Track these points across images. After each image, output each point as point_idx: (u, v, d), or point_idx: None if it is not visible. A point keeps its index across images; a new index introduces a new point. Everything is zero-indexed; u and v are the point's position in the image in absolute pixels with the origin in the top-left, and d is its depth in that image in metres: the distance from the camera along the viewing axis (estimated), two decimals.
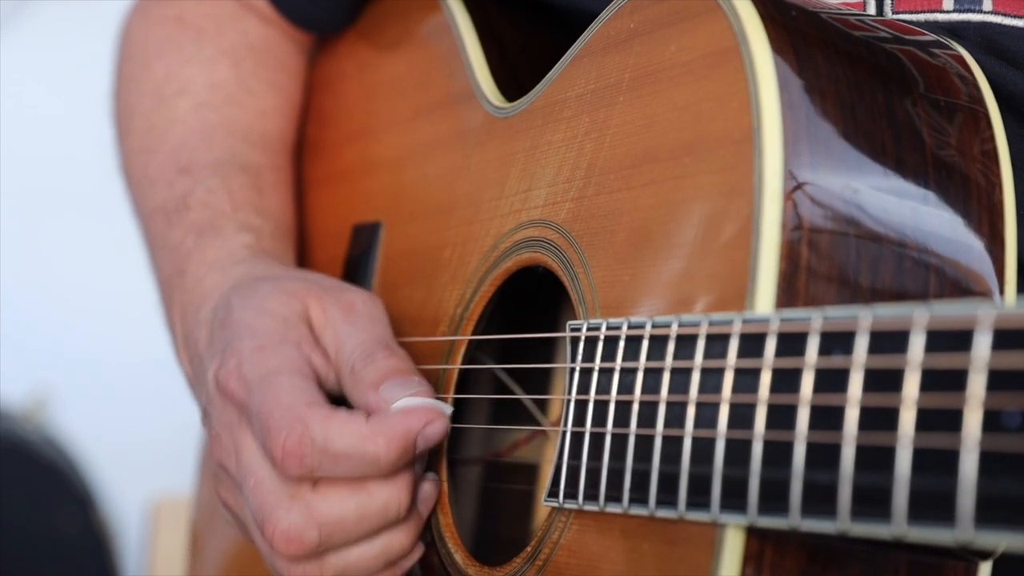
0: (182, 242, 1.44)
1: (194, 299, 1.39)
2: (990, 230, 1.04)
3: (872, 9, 1.21)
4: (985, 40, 1.19)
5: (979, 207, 1.04)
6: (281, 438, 1.15)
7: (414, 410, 1.18)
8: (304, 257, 1.61)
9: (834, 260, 0.98)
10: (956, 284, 1.02)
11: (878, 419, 0.85)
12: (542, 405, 1.39)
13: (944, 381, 0.82)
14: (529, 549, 1.15)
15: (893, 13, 1.21)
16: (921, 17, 1.21)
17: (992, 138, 1.07)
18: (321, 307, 1.27)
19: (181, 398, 1.49)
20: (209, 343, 1.31)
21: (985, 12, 1.19)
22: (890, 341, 0.86)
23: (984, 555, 0.99)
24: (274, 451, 1.15)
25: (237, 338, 1.24)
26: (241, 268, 1.38)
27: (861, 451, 0.86)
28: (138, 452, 3.30)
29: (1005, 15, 1.19)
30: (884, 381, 0.86)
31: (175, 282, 1.44)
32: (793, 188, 0.98)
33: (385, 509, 1.17)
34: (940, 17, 1.20)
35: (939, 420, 0.82)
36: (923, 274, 1.01)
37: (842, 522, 0.87)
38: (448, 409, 1.21)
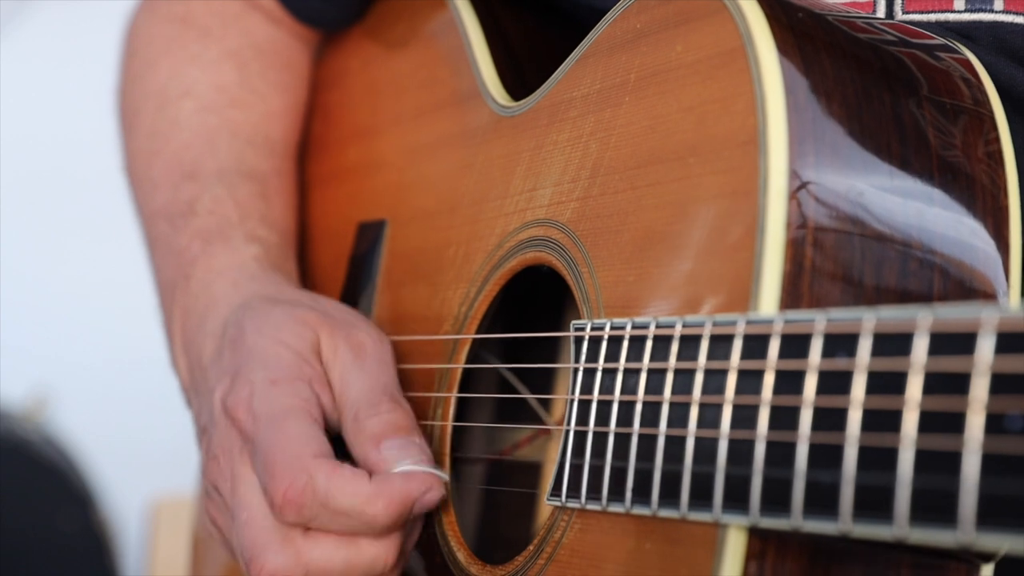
0: (188, 247, 1.44)
1: (199, 306, 1.39)
2: (995, 232, 1.04)
3: (882, 9, 1.21)
4: (996, 40, 1.18)
5: (984, 209, 1.04)
6: (284, 485, 1.16)
7: (415, 476, 1.19)
8: (308, 255, 1.60)
9: (838, 261, 0.98)
10: (961, 286, 1.02)
11: (881, 421, 0.86)
12: (546, 404, 1.39)
13: (947, 384, 0.82)
14: (532, 548, 1.15)
15: (904, 13, 1.21)
16: (932, 17, 1.20)
17: (997, 140, 1.07)
18: (332, 343, 1.27)
19: (181, 398, 1.48)
20: (216, 359, 1.31)
21: (996, 12, 1.19)
22: (893, 343, 0.86)
23: (986, 557, 0.99)
24: (274, 496, 1.16)
25: (249, 367, 1.24)
26: (252, 285, 1.38)
27: (864, 452, 0.86)
28: (138, 452, 3.30)
29: (1017, 15, 1.19)
30: (887, 383, 0.86)
31: (178, 285, 1.43)
32: (798, 189, 0.98)
33: (372, 564, 1.19)
34: (951, 17, 1.20)
35: (942, 422, 0.82)
36: (928, 276, 1.01)
37: (844, 523, 0.87)
38: (445, 476, 1.24)
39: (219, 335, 1.32)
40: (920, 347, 0.84)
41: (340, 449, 1.22)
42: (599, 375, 1.09)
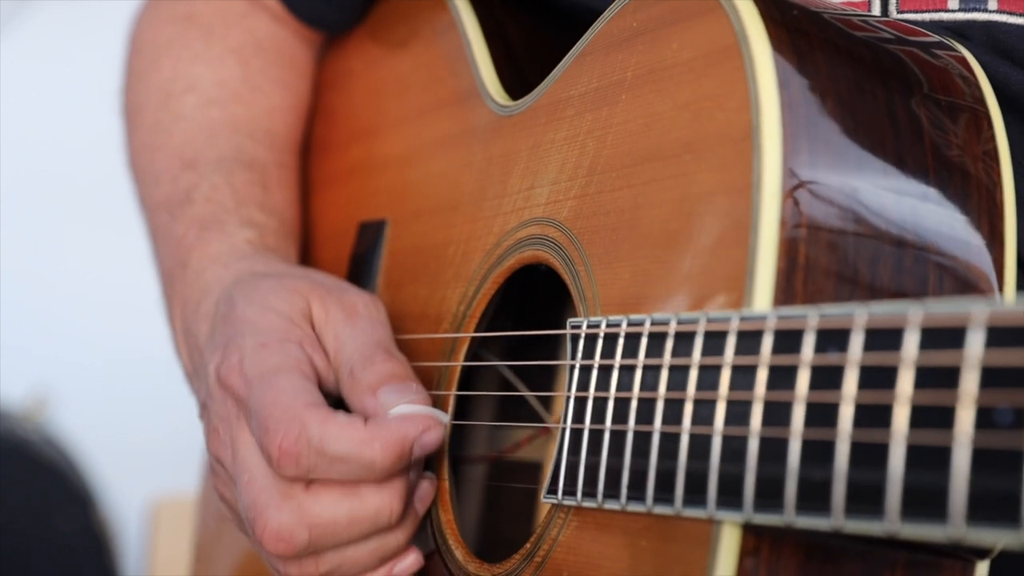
0: (184, 235, 1.45)
1: (194, 293, 1.39)
2: (990, 229, 1.04)
3: (877, 8, 1.21)
4: (991, 39, 1.19)
5: (979, 206, 1.04)
6: (279, 437, 1.15)
7: (411, 417, 1.18)
8: (310, 255, 1.61)
9: (832, 258, 0.98)
10: (955, 282, 1.02)
11: (872, 416, 0.86)
12: (546, 402, 1.39)
13: (938, 378, 0.82)
14: (528, 546, 1.16)
15: (898, 12, 1.21)
16: (927, 16, 1.21)
17: (993, 138, 1.07)
18: (323, 307, 1.27)
19: (181, 398, 1.49)
20: (210, 337, 1.31)
21: (991, 11, 1.19)
22: (885, 338, 0.86)
23: (981, 554, 0.99)
24: (271, 449, 1.15)
25: (239, 334, 1.24)
26: (243, 263, 1.38)
27: (855, 448, 0.86)
28: (138, 452, 3.30)
29: (1011, 14, 1.19)
30: (878, 378, 0.86)
31: (176, 274, 1.44)
32: (792, 186, 0.98)
33: (377, 514, 1.18)
34: (945, 17, 1.20)
35: (932, 417, 0.82)
36: (922, 272, 1.01)
37: (836, 519, 0.87)
38: (445, 417, 1.22)
39: (212, 314, 1.33)
40: (911, 342, 0.84)
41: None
42: (595, 372, 1.09)
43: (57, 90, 3.38)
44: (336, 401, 1.23)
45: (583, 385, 1.11)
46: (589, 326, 1.11)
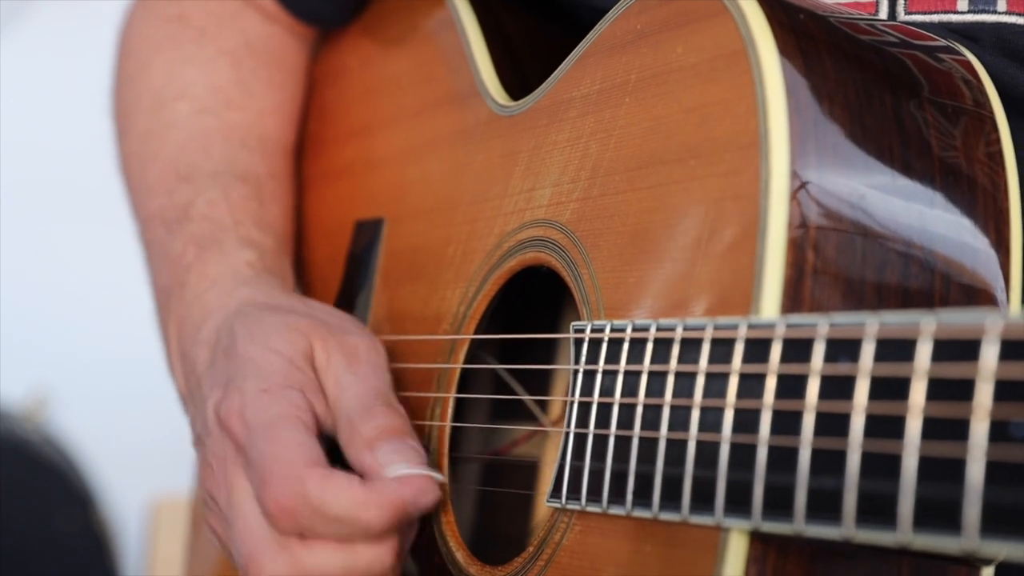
0: (182, 254, 1.44)
1: (193, 314, 1.39)
2: (996, 234, 1.04)
3: (885, 10, 1.21)
4: (1000, 41, 1.18)
5: (985, 211, 1.04)
6: (277, 494, 1.15)
7: (409, 480, 1.18)
8: (305, 253, 1.60)
9: (840, 264, 0.98)
10: (962, 288, 1.02)
11: (884, 427, 0.85)
12: (542, 403, 1.39)
13: (951, 390, 0.82)
14: (531, 549, 1.15)
15: (906, 14, 1.21)
16: (935, 18, 1.20)
17: (998, 141, 1.07)
18: (325, 350, 1.27)
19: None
20: (210, 367, 1.30)
21: (1000, 13, 1.19)
22: (897, 349, 0.86)
23: (987, 560, 0.99)
24: (268, 505, 1.16)
25: (241, 374, 1.24)
26: (245, 291, 1.38)
27: (866, 458, 0.86)
28: (138, 452, 3.29)
29: (1020, 16, 1.18)
30: (890, 389, 0.86)
31: (173, 292, 1.43)
32: (799, 192, 0.97)
33: (369, 569, 1.18)
34: (954, 18, 1.20)
35: (945, 429, 0.82)
36: (929, 278, 1.00)
37: (847, 528, 0.87)
38: (441, 478, 1.23)
39: (212, 343, 1.32)
40: (923, 353, 0.84)
41: (335, 455, 1.22)
42: (599, 377, 1.09)
43: (57, 90, 3.37)
44: (332, 443, 1.23)
45: (586, 389, 1.10)
46: (593, 330, 1.11)
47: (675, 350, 1.01)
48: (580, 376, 1.11)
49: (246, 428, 1.20)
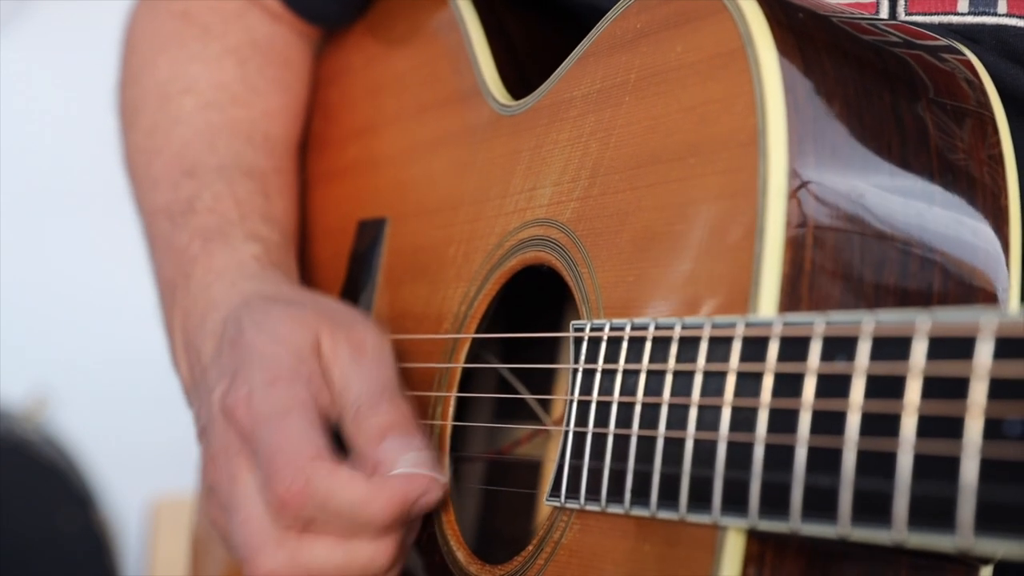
0: (188, 246, 1.44)
1: (199, 306, 1.39)
2: (995, 233, 1.04)
3: (885, 10, 1.21)
4: (1000, 43, 1.18)
5: (984, 210, 1.04)
6: (283, 486, 1.16)
7: (413, 478, 1.19)
8: (308, 252, 1.60)
9: (838, 262, 0.98)
10: (961, 287, 1.02)
11: (879, 425, 0.85)
12: (545, 403, 1.39)
13: (946, 388, 0.82)
14: (531, 548, 1.15)
15: (907, 14, 1.21)
16: (935, 19, 1.20)
17: (998, 143, 1.07)
18: (332, 342, 1.27)
19: (181, 398, 1.48)
20: (216, 358, 1.30)
21: (1000, 15, 1.19)
22: (892, 347, 0.86)
23: (985, 559, 0.99)
24: (273, 496, 1.16)
25: (248, 365, 1.24)
26: (251, 284, 1.38)
27: (862, 456, 0.86)
28: (138, 452, 3.29)
29: (1020, 17, 1.18)
30: (886, 387, 0.86)
31: (179, 284, 1.43)
32: (797, 190, 0.98)
33: (369, 565, 1.19)
34: (955, 19, 1.20)
35: (940, 427, 0.82)
36: (927, 277, 1.00)
37: (843, 527, 0.87)
38: (444, 478, 1.23)
39: (218, 334, 1.32)
40: (919, 351, 0.84)
41: (339, 446, 1.22)
42: (598, 376, 1.09)
43: (57, 90, 3.37)
44: (336, 435, 1.24)
45: (586, 388, 1.10)
46: (592, 329, 1.11)
47: (673, 349, 1.01)
48: (579, 375, 1.12)
49: (252, 419, 1.20)
